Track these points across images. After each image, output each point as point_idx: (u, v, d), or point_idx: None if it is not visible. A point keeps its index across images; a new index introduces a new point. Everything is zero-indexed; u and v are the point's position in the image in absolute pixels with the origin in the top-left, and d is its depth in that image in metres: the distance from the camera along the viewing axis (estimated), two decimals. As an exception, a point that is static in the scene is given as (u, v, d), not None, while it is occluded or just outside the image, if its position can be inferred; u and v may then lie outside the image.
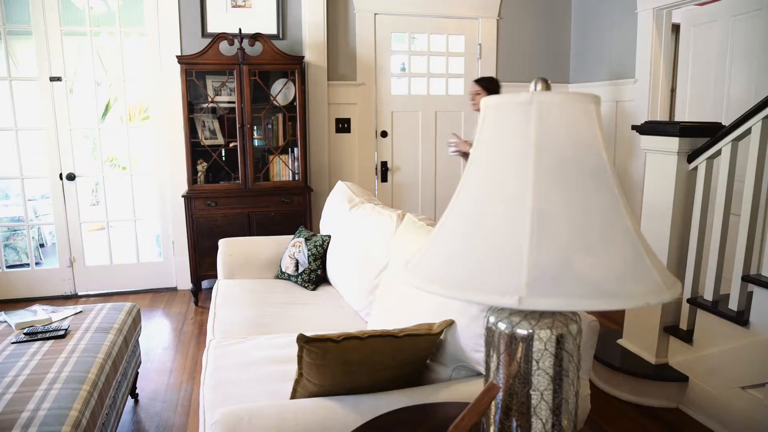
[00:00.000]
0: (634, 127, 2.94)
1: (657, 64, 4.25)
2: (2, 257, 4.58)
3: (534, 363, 0.99)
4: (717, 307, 2.61)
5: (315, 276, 3.10)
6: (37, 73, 4.27)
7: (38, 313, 2.61)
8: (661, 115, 4.30)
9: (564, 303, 0.82)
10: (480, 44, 5.02)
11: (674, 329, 2.86)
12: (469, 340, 1.61)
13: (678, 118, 4.36)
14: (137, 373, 2.87)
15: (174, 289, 4.72)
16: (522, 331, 0.99)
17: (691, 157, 2.72)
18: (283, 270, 3.21)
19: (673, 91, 4.47)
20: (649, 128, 2.85)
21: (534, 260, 0.84)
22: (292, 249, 3.21)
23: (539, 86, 0.95)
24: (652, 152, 2.89)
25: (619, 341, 3.15)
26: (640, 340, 3.01)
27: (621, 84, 4.56)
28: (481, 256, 0.88)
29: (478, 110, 4.08)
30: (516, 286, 0.83)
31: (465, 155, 3.92)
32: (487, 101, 0.98)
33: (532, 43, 5.18)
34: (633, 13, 4.39)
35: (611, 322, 3.87)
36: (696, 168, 2.73)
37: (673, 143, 2.73)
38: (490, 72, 5.08)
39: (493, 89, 3.90)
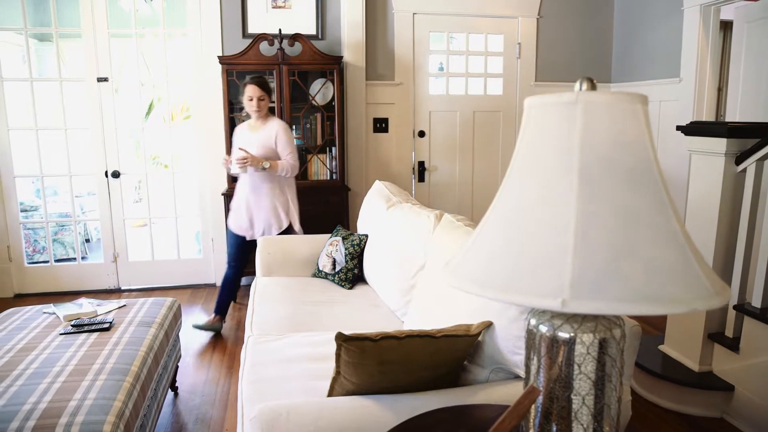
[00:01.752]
0: (679, 128, 2.86)
1: (704, 63, 4.12)
2: (51, 251, 4.75)
3: (576, 367, 0.98)
4: (766, 314, 2.52)
5: (352, 275, 3.12)
6: (84, 74, 4.41)
7: (84, 306, 2.69)
8: (707, 116, 4.18)
9: (608, 307, 0.80)
10: (519, 43, 4.97)
11: (719, 336, 2.77)
12: (508, 342, 1.59)
13: (729, 118, 4.22)
14: (177, 367, 2.93)
15: (213, 286, 4.81)
16: (564, 335, 0.97)
17: (740, 158, 2.63)
18: (321, 268, 3.24)
19: (719, 90, 4.33)
20: (695, 129, 2.77)
21: (578, 263, 0.82)
22: (329, 248, 3.24)
23: (585, 86, 0.93)
24: (697, 153, 2.81)
25: (661, 347, 3.07)
26: (682, 347, 2.92)
27: (665, 83, 4.44)
28: (524, 257, 0.87)
29: (264, 116, 3.54)
30: (559, 288, 0.81)
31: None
32: (531, 101, 0.96)
33: (573, 41, 5.10)
34: (679, 10, 4.27)
35: (652, 327, 3.78)
36: (745, 170, 2.64)
37: (720, 144, 2.64)
38: (530, 72, 5.01)
39: (269, 90, 3.56)
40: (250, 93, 3.47)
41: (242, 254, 3.71)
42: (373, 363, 1.50)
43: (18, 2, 4.30)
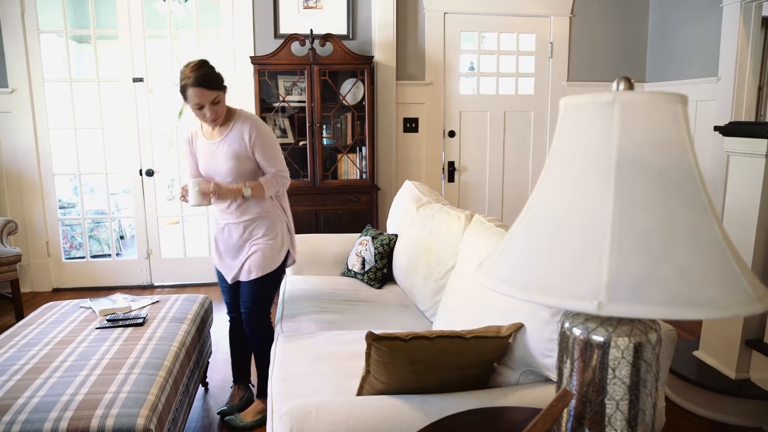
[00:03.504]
0: (717, 128, 2.79)
1: (743, 61, 4.01)
2: (87, 247, 4.87)
3: (610, 371, 0.96)
4: (807, 320, 2.44)
5: (381, 274, 3.12)
6: (121, 74, 4.51)
7: (118, 302, 2.75)
8: (746, 116, 4.06)
9: (646, 310, 0.78)
10: (551, 42, 4.91)
11: (758, 343, 2.70)
12: (539, 345, 1.57)
13: (768, 118, 4.11)
14: (208, 363, 2.97)
15: (243, 283, 4.86)
16: (598, 338, 0.96)
17: (781, 160, 2.56)
18: (350, 267, 3.25)
19: (760, 89, 4.21)
20: (734, 129, 2.70)
21: (615, 265, 0.81)
22: (359, 247, 3.25)
23: (622, 85, 0.92)
24: (736, 155, 2.74)
25: (695, 353, 3.00)
26: (718, 353, 2.85)
27: (702, 82, 4.34)
28: (558, 259, 0.86)
29: (217, 124, 2.37)
30: (595, 291, 0.80)
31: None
32: (567, 101, 0.95)
33: (607, 40, 5.01)
34: (718, 7, 4.17)
35: (686, 332, 3.70)
36: (786, 172, 2.56)
37: (760, 145, 2.57)
38: (562, 71, 4.95)
39: (219, 82, 2.38)
40: (196, 100, 2.29)
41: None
42: (404, 363, 1.50)
43: (59, 6, 4.42)
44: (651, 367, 0.97)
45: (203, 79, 2.28)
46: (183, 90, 2.32)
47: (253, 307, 2.55)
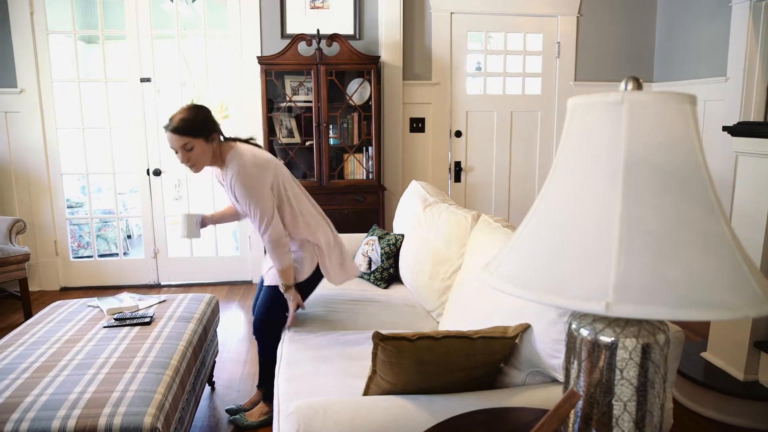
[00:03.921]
0: (725, 128, 2.78)
1: (752, 61, 3.99)
2: (95, 246, 4.90)
3: (617, 372, 0.96)
4: (816, 322, 2.42)
5: (387, 274, 3.12)
6: (128, 74, 4.53)
7: (125, 301, 2.77)
8: (755, 116, 4.04)
9: (654, 311, 0.78)
10: (559, 42, 4.89)
11: (766, 345, 2.68)
12: (546, 345, 1.57)
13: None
14: (214, 362, 2.98)
15: (249, 282, 4.88)
16: (606, 339, 0.95)
17: (790, 160, 2.54)
18: (356, 267, 3.25)
19: (769, 90, 4.18)
20: (743, 129, 2.68)
21: (622, 266, 0.81)
22: (365, 247, 3.25)
23: (630, 85, 0.91)
24: (745, 155, 2.72)
25: (703, 354, 2.98)
26: (726, 355, 2.84)
27: (710, 82, 4.31)
28: (566, 260, 0.86)
29: (219, 158, 2.37)
30: (603, 291, 0.80)
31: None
32: (575, 101, 0.95)
33: (614, 40, 4.99)
34: (727, 6, 4.14)
35: (693, 333, 3.68)
36: (795, 172, 2.54)
37: (769, 146, 2.56)
38: (569, 71, 4.93)
39: (197, 127, 2.31)
40: (169, 143, 2.32)
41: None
42: (410, 363, 1.50)
43: (67, 7, 4.45)
44: (659, 368, 0.97)
45: (176, 124, 2.28)
46: (167, 132, 2.32)
47: (262, 313, 2.58)
